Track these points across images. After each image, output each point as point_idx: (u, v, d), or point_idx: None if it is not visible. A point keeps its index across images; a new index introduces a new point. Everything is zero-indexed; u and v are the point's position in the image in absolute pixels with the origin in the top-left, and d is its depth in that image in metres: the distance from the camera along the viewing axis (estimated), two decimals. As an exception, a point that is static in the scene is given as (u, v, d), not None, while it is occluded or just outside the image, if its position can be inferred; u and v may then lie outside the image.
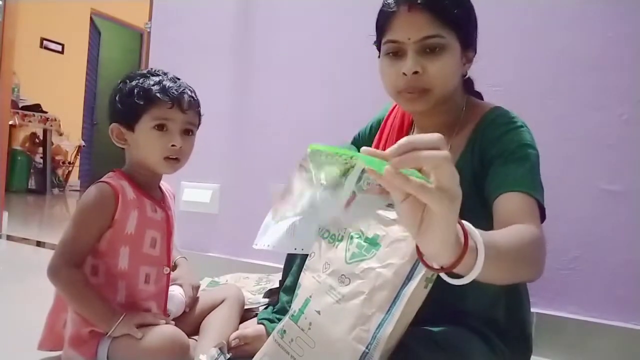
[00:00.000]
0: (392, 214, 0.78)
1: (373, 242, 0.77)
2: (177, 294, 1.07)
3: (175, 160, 0.98)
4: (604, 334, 1.22)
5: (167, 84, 0.96)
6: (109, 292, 0.94)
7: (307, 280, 0.83)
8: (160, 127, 0.95)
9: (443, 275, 0.56)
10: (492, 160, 0.84)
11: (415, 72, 0.84)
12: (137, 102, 0.94)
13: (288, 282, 1.16)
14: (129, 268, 0.95)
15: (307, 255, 0.96)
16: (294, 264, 1.17)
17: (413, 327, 0.77)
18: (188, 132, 1.00)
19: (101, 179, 0.96)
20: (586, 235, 1.27)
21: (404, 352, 0.75)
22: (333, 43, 1.71)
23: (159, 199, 1.04)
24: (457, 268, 0.53)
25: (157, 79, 0.97)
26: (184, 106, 0.97)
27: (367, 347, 0.71)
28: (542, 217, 0.81)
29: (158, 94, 0.94)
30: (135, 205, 0.96)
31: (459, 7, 0.85)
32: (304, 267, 0.86)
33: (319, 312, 0.77)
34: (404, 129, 1.05)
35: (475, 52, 0.94)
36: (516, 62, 1.37)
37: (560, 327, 1.26)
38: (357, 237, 0.79)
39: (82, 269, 0.92)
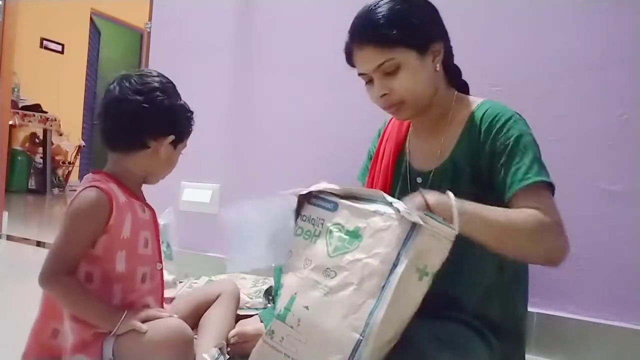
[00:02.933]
0: (371, 206, 0.79)
1: (354, 235, 0.78)
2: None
3: None
4: (604, 334, 1.22)
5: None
6: (104, 297, 0.93)
7: (288, 278, 0.83)
8: (181, 152, 1.05)
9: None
10: (495, 154, 0.90)
11: (384, 95, 0.95)
12: (191, 127, 1.04)
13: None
14: (126, 271, 0.94)
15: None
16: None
17: (416, 321, 0.78)
18: None
19: (90, 184, 0.92)
20: (586, 235, 1.27)
21: (409, 349, 0.76)
22: (333, 43, 1.71)
23: (142, 198, 1.05)
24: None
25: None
26: None
27: (361, 335, 0.71)
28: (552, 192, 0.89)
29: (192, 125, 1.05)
30: (128, 208, 0.95)
31: (395, 26, 0.91)
32: (284, 268, 0.87)
33: (307, 307, 0.77)
34: (403, 129, 1.11)
35: (442, 42, 0.97)
36: (516, 62, 1.37)
37: (560, 327, 1.26)
38: (337, 231, 0.80)
39: (76, 274, 0.91)
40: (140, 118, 0.95)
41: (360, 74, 0.99)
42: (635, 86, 1.24)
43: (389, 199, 0.77)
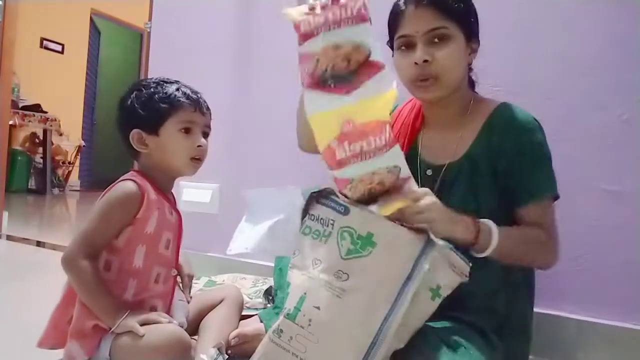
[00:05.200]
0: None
1: (367, 240, 0.78)
2: (181, 303, 1.08)
3: (199, 160, 1.03)
4: (604, 334, 1.22)
5: (185, 90, 1.02)
6: (119, 289, 0.95)
7: (296, 278, 0.83)
8: (187, 130, 1.00)
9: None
10: (514, 160, 0.94)
11: (425, 61, 0.93)
12: (161, 106, 0.99)
13: (282, 280, 1.17)
14: (143, 266, 0.96)
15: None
16: (283, 263, 1.19)
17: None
18: (205, 134, 1.05)
19: (126, 177, 0.97)
20: (586, 235, 1.27)
21: (411, 350, 0.76)
22: (333, 43, 1.71)
23: (173, 202, 1.07)
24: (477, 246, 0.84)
25: (174, 85, 1.02)
26: (204, 109, 1.04)
27: (374, 338, 0.72)
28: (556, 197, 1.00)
29: (181, 99, 1.00)
30: (156, 205, 0.98)
31: (459, 2, 0.95)
32: (290, 265, 0.87)
33: (318, 308, 0.77)
34: (417, 126, 1.11)
35: (479, 44, 1.01)
36: (516, 62, 1.37)
37: (560, 327, 1.26)
38: (349, 235, 0.80)
39: (97, 262, 0.93)
40: (119, 129, 1.03)
41: (402, 36, 0.97)
42: (635, 86, 1.24)
43: None
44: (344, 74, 0.74)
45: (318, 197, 0.87)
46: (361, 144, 0.75)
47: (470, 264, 0.78)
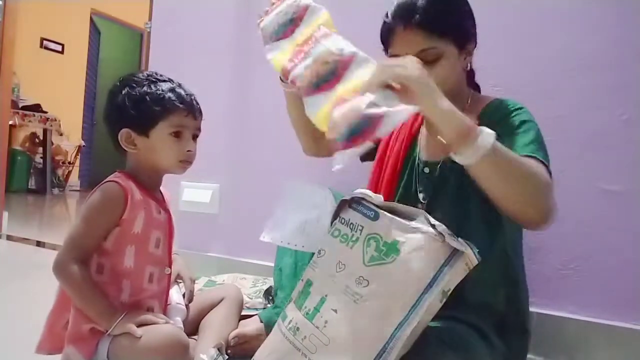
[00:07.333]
0: (411, 223, 0.79)
1: (393, 248, 0.78)
2: (179, 306, 1.08)
3: (188, 162, 1.02)
4: (604, 334, 1.22)
5: (180, 91, 1.00)
6: (114, 290, 0.94)
7: (319, 279, 0.83)
8: (177, 134, 0.98)
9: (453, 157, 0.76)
10: (501, 135, 0.90)
11: None
12: (154, 108, 0.96)
13: (283, 280, 1.17)
14: (134, 267, 0.96)
15: (300, 252, 1.01)
16: (283, 263, 1.19)
17: None
18: (195, 136, 1.04)
19: (109, 179, 0.96)
20: (586, 235, 1.27)
21: (412, 351, 0.76)
22: (333, 43, 1.71)
23: (161, 200, 1.06)
24: (465, 145, 0.73)
25: (168, 85, 0.99)
26: (196, 113, 1.02)
27: (385, 345, 0.72)
28: None
29: (175, 102, 0.97)
30: (142, 205, 0.97)
31: (449, 16, 0.93)
32: (312, 263, 0.87)
33: (335, 311, 0.78)
34: (416, 126, 1.12)
35: (475, 44, 1.00)
36: (516, 62, 1.37)
37: (560, 327, 1.26)
38: (375, 242, 0.80)
39: (88, 266, 0.93)
40: (106, 123, 1.02)
41: (392, 55, 0.97)
42: (635, 86, 1.24)
43: (432, 220, 0.77)
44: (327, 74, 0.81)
45: (350, 201, 0.87)
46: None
47: (480, 258, 0.76)
